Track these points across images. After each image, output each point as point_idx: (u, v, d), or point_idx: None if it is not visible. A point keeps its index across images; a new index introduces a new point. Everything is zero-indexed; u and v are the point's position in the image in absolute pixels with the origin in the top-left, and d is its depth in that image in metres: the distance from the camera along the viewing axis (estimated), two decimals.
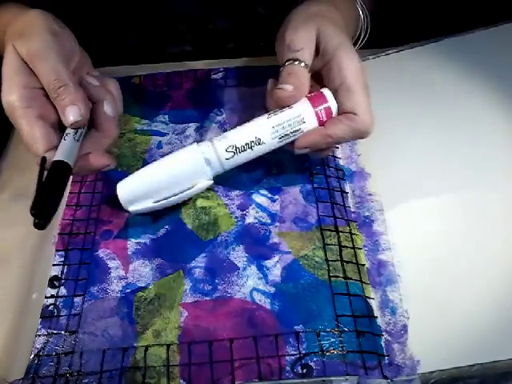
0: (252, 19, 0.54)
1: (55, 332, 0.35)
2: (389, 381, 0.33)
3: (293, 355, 0.34)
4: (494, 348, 0.34)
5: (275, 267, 0.38)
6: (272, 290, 0.37)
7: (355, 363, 0.34)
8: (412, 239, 0.40)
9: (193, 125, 0.48)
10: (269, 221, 0.41)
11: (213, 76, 0.51)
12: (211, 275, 0.38)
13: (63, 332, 0.35)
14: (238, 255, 0.39)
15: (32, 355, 0.34)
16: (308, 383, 0.33)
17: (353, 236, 0.40)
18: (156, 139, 0.47)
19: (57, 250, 0.39)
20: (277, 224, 0.41)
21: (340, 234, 0.40)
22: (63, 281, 0.38)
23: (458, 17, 0.54)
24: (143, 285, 0.38)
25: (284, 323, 0.35)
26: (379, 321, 0.36)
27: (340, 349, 0.34)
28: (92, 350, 0.35)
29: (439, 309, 0.36)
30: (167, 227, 0.41)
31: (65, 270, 0.38)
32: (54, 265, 0.39)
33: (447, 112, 0.47)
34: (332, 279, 0.37)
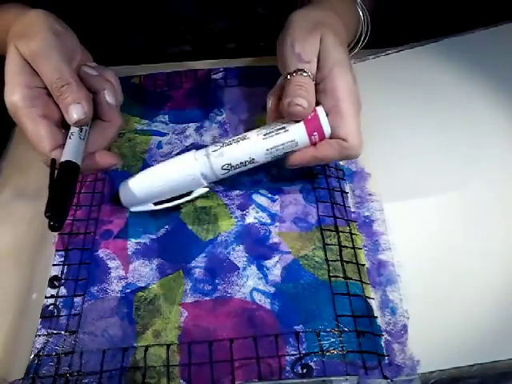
0: (252, 19, 0.54)
1: (55, 332, 0.35)
2: (389, 381, 0.33)
3: (293, 355, 0.34)
4: (494, 348, 0.34)
5: (275, 267, 0.38)
6: (272, 290, 0.37)
7: (355, 363, 0.34)
8: (412, 239, 0.40)
9: (193, 125, 0.48)
10: (269, 221, 0.41)
11: (213, 76, 0.51)
12: (211, 275, 0.38)
13: (63, 332, 0.35)
14: (238, 255, 0.39)
15: (32, 355, 0.34)
16: (308, 383, 0.33)
17: (353, 236, 0.40)
18: (156, 139, 0.47)
19: (57, 250, 0.39)
20: (277, 224, 0.41)
21: (340, 234, 0.40)
22: (63, 281, 0.38)
23: (458, 17, 0.54)
24: (143, 285, 0.38)
25: (284, 323, 0.35)
26: (379, 321, 0.36)
27: (340, 349, 0.34)
28: (92, 350, 0.35)
29: (439, 309, 0.36)
30: (167, 227, 0.41)
31: (65, 270, 0.38)
32: (54, 265, 0.39)
33: (447, 112, 0.47)
34: (332, 279, 0.37)
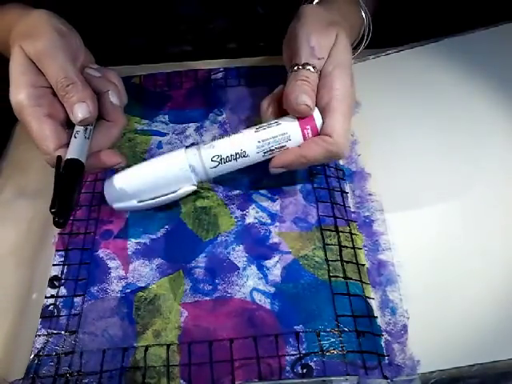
0: (252, 19, 0.54)
1: (55, 332, 0.35)
2: (389, 381, 0.33)
3: (293, 355, 0.34)
4: (494, 348, 0.34)
5: (275, 267, 0.38)
6: (272, 290, 0.37)
7: (355, 363, 0.34)
8: (412, 239, 0.40)
9: (193, 125, 0.48)
10: (269, 221, 0.41)
11: (213, 76, 0.51)
12: (211, 275, 0.38)
13: (63, 332, 0.35)
14: (238, 255, 0.39)
15: (32, 355, 0.34)
16: (308, 383, 0.33)
17: (353, 236, 0.40)
18: (156, 139, 0.47)
19: (57, 250, 0.39)
20: (277, 224, 0.41)
21: (340, 234, 0.40)
22: (63, 281, 0.38)
23: (458, 17, 0.54)
24: (143, 285, 0.38)
25: (284, 323, 0.35)
26: (379, 321, 0.36)
27: (340, 349, 0.34)
28: (92, 350, 0.35)
29: (439, 309, 0.36)
30: (167, 227, 0.41)
31: (65, 270, 0.38)
32: (54, 265, 0.39)
33: (447, 112, 0.47)
34: (332, 279, 0.37)
